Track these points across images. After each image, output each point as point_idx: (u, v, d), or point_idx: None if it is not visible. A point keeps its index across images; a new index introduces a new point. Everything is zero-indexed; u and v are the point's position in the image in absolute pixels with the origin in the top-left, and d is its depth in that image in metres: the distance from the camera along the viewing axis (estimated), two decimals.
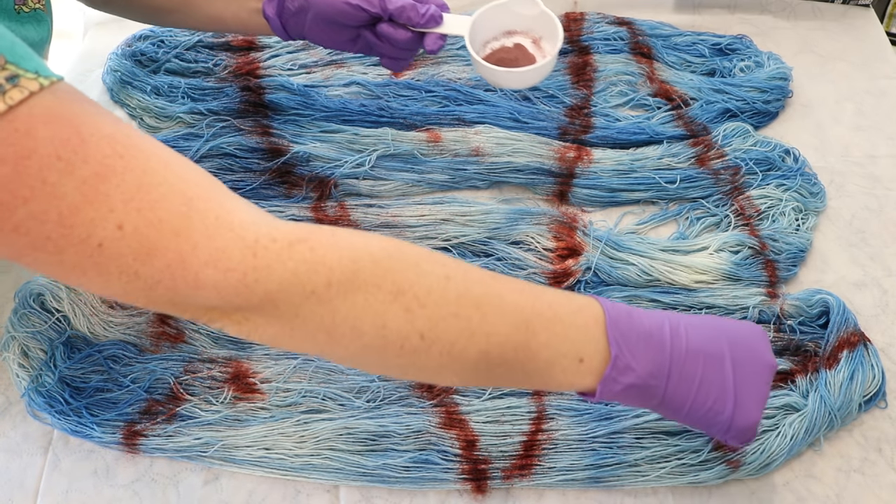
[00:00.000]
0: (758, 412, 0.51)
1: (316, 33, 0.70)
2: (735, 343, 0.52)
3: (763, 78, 0.89)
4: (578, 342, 0.49)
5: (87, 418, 0.65)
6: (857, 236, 0.80)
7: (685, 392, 0.50)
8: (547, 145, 0.84)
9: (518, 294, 0.49)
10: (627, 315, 0.50)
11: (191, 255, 0.41)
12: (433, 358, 0.46)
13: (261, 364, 0.69)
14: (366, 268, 0.44)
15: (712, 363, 0.51)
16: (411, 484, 0.64)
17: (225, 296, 0.43)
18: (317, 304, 0.43)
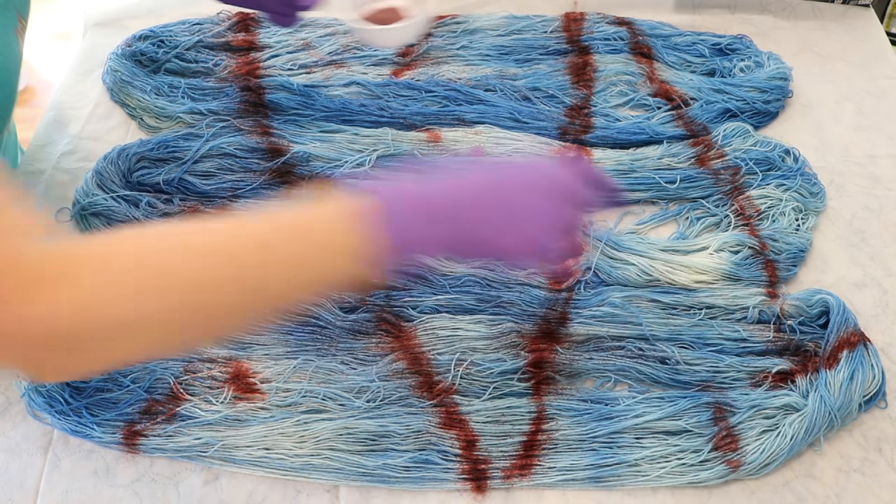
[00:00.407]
0: (533, 236, 0.52)
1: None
2: (512, 177, 0.53)
3: (763, 78, 0.89)
4: (337, 235, 0.48)
5: (87, 418, 0.65)
6: (857, 236, 0.80)
7: (479, 235, 0.51)
8: (547, 145, 0.84)
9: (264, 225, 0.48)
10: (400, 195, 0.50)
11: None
12: (214, 317, 0.47)
13: (261, 364, 0.69)
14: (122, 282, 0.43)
15: (485, 204, 0.51)
16: (411, 484, 0.64)
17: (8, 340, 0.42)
18: (93, 334, 0.43)
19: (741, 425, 0.65)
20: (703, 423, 0.66)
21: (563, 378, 0.69)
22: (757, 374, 0.69)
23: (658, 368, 0.69)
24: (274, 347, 0.70)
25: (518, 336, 0.70)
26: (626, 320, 0.71)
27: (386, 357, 0.69)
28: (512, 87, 0.90)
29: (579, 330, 0.71)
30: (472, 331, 0.70)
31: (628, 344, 0.70)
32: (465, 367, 0.68)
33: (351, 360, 0.70)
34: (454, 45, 0.95)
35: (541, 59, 0.94)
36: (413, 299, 0.72)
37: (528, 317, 0.71)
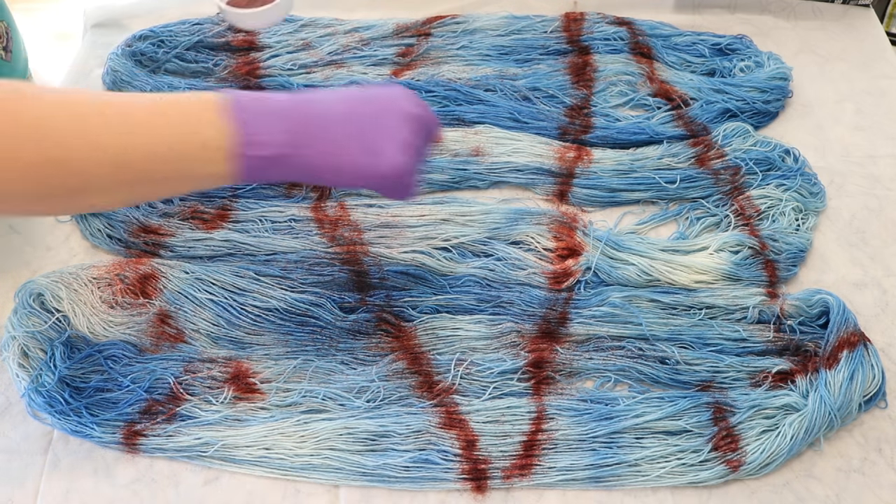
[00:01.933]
0: (400, 157, 0.55)
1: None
2: (374, 101, 0.56)
3: (763, 78, 0.89)
4: (202, 129, 0.50)
5: (87, 418, 0.65)
6: (857, 236, 0.80)
7: (328, 154, 0.53)
8: (547, 145, 0.84)
9: (137, 102, 0.51)
10: (255, 96, 0.53)
11: None
12: (73, 179, 0.49)
13: (261, 364, 0.69)
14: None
15: (350, 122, 0.54)
16: (411, 484, 0.64)
17: None
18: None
19: (741, 425, 0.65)
20: (703, 423, 0.66)
21: (563, 378, 0.69)
22: (757, 374, 0.69)
23: (658, 368, 0.69)
24: (274, 347, 0.70)
25: (518, 336, 0.70)
26: (626, 320, 0.71)
27: (386, 357, 0.69)
28: (512, 87, 0.90)
29: (579, 330, 0.71)
30: (472, 331, 0.71)
31: (628, 344, 0.70)
32: (465, 367, 0.68)
33: (351, 360, 0.70)
34: (454, 45, 0.95)
35: (541, 59, 0.94)
36: (413, 299, 0.72)
37: (528, 317, 0.71)
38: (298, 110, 0.53)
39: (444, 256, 0.75)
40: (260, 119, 0.51)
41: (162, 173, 0.51)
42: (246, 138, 0.51)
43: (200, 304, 0.71)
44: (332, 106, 0.55)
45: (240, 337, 0.71)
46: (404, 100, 0.57)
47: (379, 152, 0.54)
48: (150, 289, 0.71)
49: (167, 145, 0.50)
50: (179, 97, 0.52)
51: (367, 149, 0.54)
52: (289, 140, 0.52)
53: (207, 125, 0.51)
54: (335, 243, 0.76)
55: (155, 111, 0.51)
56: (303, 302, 0.71)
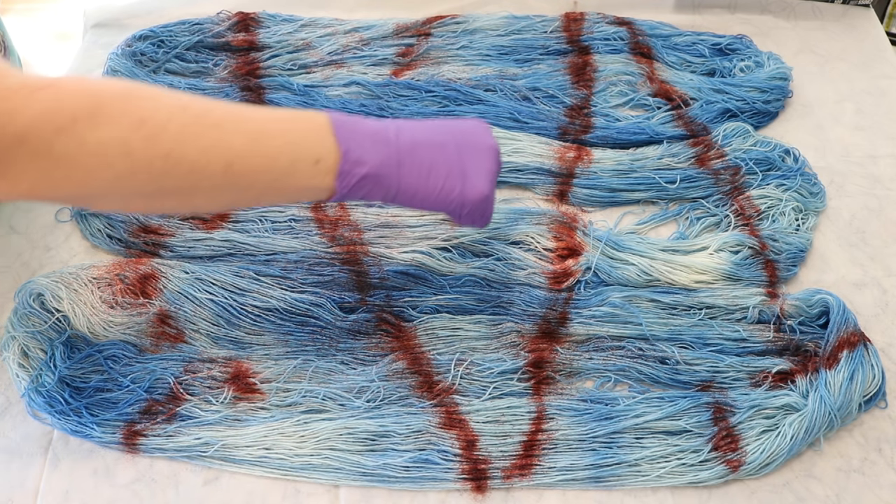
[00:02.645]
0: (486, 185, 0.59)
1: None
2: (457, 132, 0.60)
3: (763, 78, 0.89)
4: (311, 145, 0.54)
5: (87, 418, 0.65)
6: (857, 236, 0.80)
7: (417, 176, 0.57)
8: (547, 145, 0.84)
9: (251, 111, 0.54)
10: (356, 119, 0.57)
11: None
12: (182, 178, 0.51)
13: (261, 364, 0.69)
14: (107, 102, 0.48)
15: (438, 150, 0.58)
16: (411, 484, 0.64)
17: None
18: (66, 138, 0.47)
19: (741, 425, 0.65)
20: (703, 423, 0.66)
21: (563, 378, 0.69)
22: (757, 374, 0.69)
23: (658, 368, 0.69)
24: (274, 347, 0.70)
25: (518, 336, 0.70)
26: (626, 320, 0.71)
27: (386, 357, 0.69)
28: (512, 87, 0.90)
29: (579, 330, 0.71)
30: (472, 331, 0.71)
31: (628, 344, 0.70)
32: (465, 367, 0.68)
33: (351, 360, 0.70)
34: (454, 45, 0.95)
35: (541, 59, 0.94)
36: (413, 299, 0.72)
37: (528, 317, 0.71)
38: (391, 133, 0.57)
39: (444, 256, 0.75)
40: (361, 139, 0.55)
41: (270, 182, 0.54)
42: (350, 156, 0.54)
43: (200, 304, 0.71)
44: (421, 133, 0.58)
45: (240, 337, 0.71)
46: (485, 132, 0.61)
47: (465, 179, 0.58)
48: (150, 289, 0.71)
49: (282, 156, 0.53)
50: (292, 112, 0.56)
51: (455, 174, 0.58)
52: (382, 161, 0.56)
53: (320, 143, 0.54)
54: (335, 243, 0.76)
55: (271, 123, 0.54)
56: (303, 302, 0.71)
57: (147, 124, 0.48)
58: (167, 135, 0.49)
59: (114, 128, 0.48)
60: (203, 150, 0.50)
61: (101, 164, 0.48)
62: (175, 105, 0.50)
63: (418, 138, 0.58)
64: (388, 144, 0.56)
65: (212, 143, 0.50)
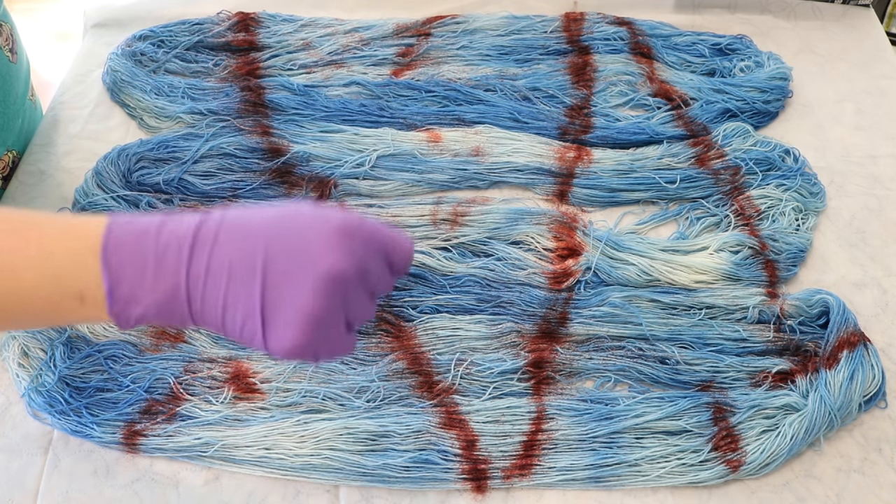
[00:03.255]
0: (298, 334, 0.42)
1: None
2: (281, 251, 0.43)
3: (763, 78, 0.89)
4: (73, 278, 0.43)
5: (87, 418, 0.65)
6: (857, 236, 0.80)
7: (212, 315, 0.43)
8: (547, 145, 0.84)
9: (7, 232, 0.44)
10: (139, 237, 0.43)
11: None
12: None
13: (261, 364, 0.69)
14: None
15: (238, 282, 0.42)
16: (411, 484, 0.64)
17: None
18: None
19: (741, 425, 0.65)
20: (703, 423, 0.66)
21: (563, 378, 0.69)
22: (757, 374, 0.69)
23: (658, 368, 0.69)
24: None
25: (518, 336, 0.70)
26: (626, 320, 0.71)
27: (386, 357, 0.69)
28: (512, 87, 0.90)
29: (579, 330, 0.71)
30: (472, 331, 0.71)
31: (628, 344, 0.70)
32: (465, 367, 0.68)
33: (351, 360, 0.70)
34: (454, 45, 0.95)
35: (541, 59, 0.94)
36: (413, 299, 0.72)
37: (528, 317, 0.71)
38: (184, 258, 0.43)
39: (444, 256, 0.75)
40: (137, 268, 0.43)
41: (27, 318, 0.46)
42: (118, 293, 0.43)
43: None
44: (223, 256, 0.43)
45: None
46: (329, 253, 0.42)
47: (266, 325, 0.43)
48: None
49: (36, 291, 0.43)
50: (63, 230, 0.44)
51: (254, 317, 0.43)
52: (162, 300, 0.43)
53: (85, 273, 0.43)
54: None
55: (29, 249, 0.43)
56: None
57: None
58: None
59: None
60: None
61: None
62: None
63: (216, 264, 0.42)
64: (174, 276, 0.42)
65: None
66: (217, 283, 0.42)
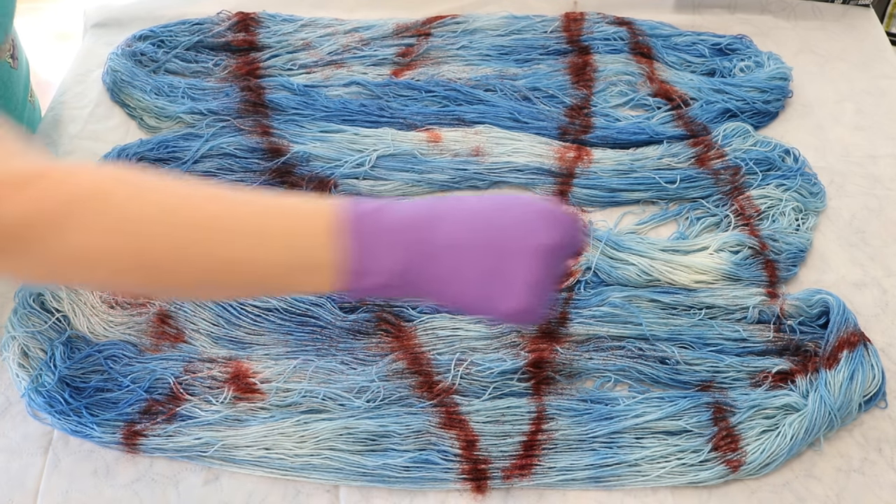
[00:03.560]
0: (523, 297, 0.49)
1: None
2: (499, 228, 0.49)
3: (763, 78, 0.89)
4: (312, 251, 0.47)
5: (87, 418, 0.65)
6: (857, 236, 0.80)
7: (443, 286, 0.49)
8: (547, 145, 0.84)
9: (247, 211, 0.48)
10: (374, 214, 0.48)
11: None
12: (167, 281, 0.48)
13: (261, 364, 0.69)
14: (90, 203, 0.46)
15: (469, 254, 0.48)
16: (411, 484, 0.64)
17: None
18: (45, 244, 0.45)
19: (741, 425, 0.65)
20: (703, 423, 0.66)
21: (563, 378, 0.69)
22: (757, 374, 0.69)
23: (658, 368, 0.69)
24: (274, 347, 0.70)
25: (518, 336, 0.70)
26: (626, 320, 0.71)
27: (386, 357, 0.69)
28: (512, 87, 0.90)
29: (579, 330, 0.71)
30: (472, 331, 0.71)
31: (628, 344, 0.70)
32: (465, 367, 0.68)
33: (351, 360, 0.70)
34: (454, 45, 0.95)
35: (541, 59, 0.94)
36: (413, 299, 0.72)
37: None
38: (416, 235, 0.48)
39: None
40: (375, 243, 0.47)
41: (265, 286, 0.51)
42: (356, 267, 0.47)
43: (200, 304, 0.71)
44: (456, 232, 0.49)
45: (240, 337, 0.71)
46: (542, 230, 0.50)
47: (500, 292, 0.49)
48: None
49: (279, 265, 0.48)
50: (293, 207, 0.49)
51: (487, 286, 0.49)
52: (398, 271, 0.48)
53: (318, 248, 0.47)
54: None
55: (272, 224, 0.48)
56: (303, 302, 0.71)
57: (129, 231, 0.46)
58: (151, 243, 0.46)
59: (94, 234, 0.45)
60: (188, 260, 0.47)
61: (82, 267, 0.46)
62: (162, 206, 0.47)
63: (447, 238, 0.48)
64: (407, 249, 0.48)
65: (199, 253, 0.47)
66: (448, 256, 0.48)
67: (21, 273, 0.48)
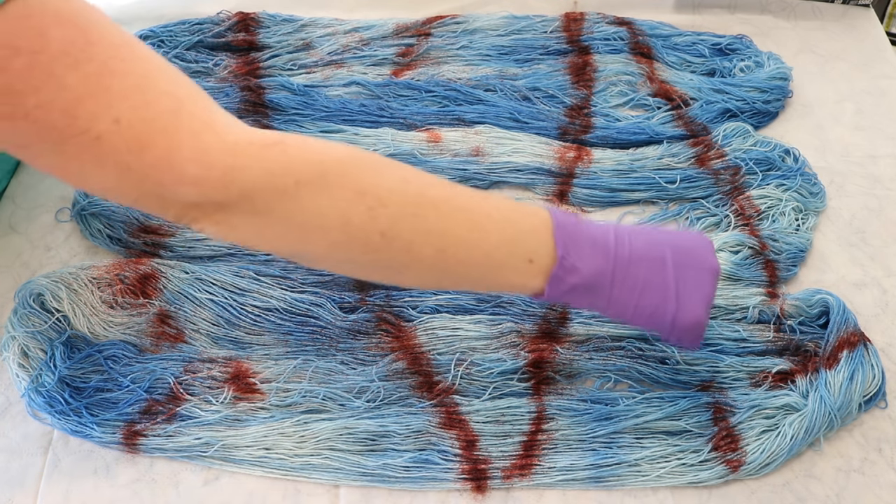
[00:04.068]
0: (701, 311, 0.55)
1: None
2: (678, 249, 0.56)
3: (763, 78, 0.89)
4: (527, 243, 0.52)
5: (87, 418, 0.65)
6: (857, 236, 0.80)
7: (629, 293, 0.54)
8: (547, 145, 0.84)
9: (469, 198, 0.52)
10: (575, 222, 0.54)
11: (177, 151, 0.45)
12: (395, 255, 0.50)
13: (261, 364, 0.69)
14: (331, 169, 0.48)
15: (655, 267, 0.54)
16: (411, 484, 0.64)
17: (205, 191, 0.46)
18: (288, 201, 0.47)
19: (741, 425, 0.65)
20: (703, 423, 0.66)
21: (563, 378, 0.69)
22: (757, 374, 0.69)
23: (658, 368, 0.69)
24: (274, 347, 0.70)
25: (518, 336, 0.70)
26: None
27: (386, 357, 0.69)
28: (512, 87, 0.90)
29: (579, 330, 0.71)
30: (472, 331, 0.71)
31: (628, 344, 0.70)
32: (465, 367, 0.68)
33: (351, 360, 0.70)
34: (454, 45, 0.95)
35: (541, 59, 0.94)
36: (413, 299, 0.72)
37: (528, 317, 0.71)
38: (610, 242, 0.54)
39: None
40: (580, 245, 0.52)
41: (479, 274, 0.52)
42: (566, 262, 0.52)
43: (200, 304, 0.71)
44: (640, 244, 0.55)
45: (240, 337, 0.71)
46: (707, 250, 0.57)
47: (679, 302, 0.55)
48: (150, 289, 0.71)
49: (497, 252, 0.51)
50: (513, 204, 0.54)
51: (670, 297, 0.55)
52: (596, 272, 0.53)
53: (538, 242, 0.52)
54: None
55: (491, 213, 0.52)
56: (303, 302, 0.71)
57: (368, 197, 0.48)
58: (387, 210, 0.48)
59: (335, 197, 0.47)
60: (420, 232, 0.49)
61: (318, 231, 0.48)
62: (397, 179, 0.49)
63: (636, 251, 0.54)
64: (605, 255, 0.53)
65: (429, 227, 0.49)
66: (638, 268, 0.54)
67: (254, 236, 0.49)
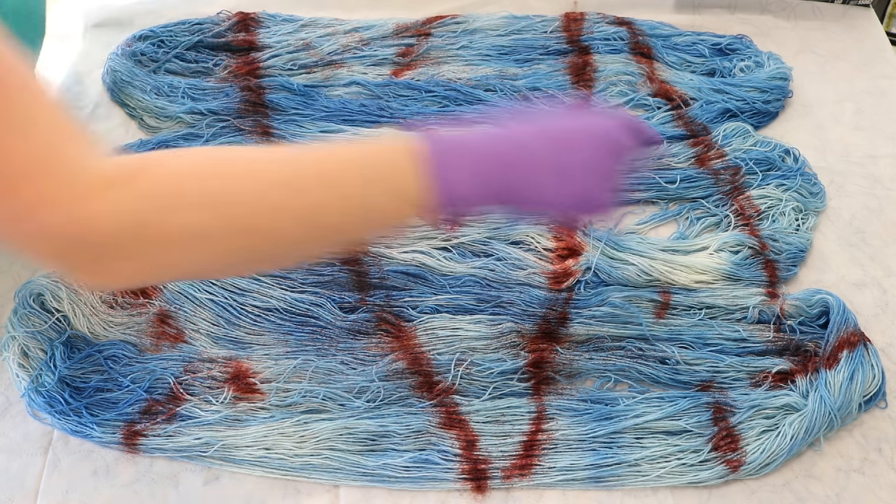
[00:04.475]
0: (586, 182, 0.52)
1: None
2: (569, 129, 0.53)
3: (763, 78, 0.89)
4: (394, 185, 0.50)
5: (87, 418, 0.65)
6: (857, 236, 0.80)
7: (525, 198, 0.52)
8: None
9: (323, 162, 0.50)
10: (452, 143, 0.51)
11: (36, 199, 0.43)
12: (269, 246, 0.49)
13: (261, 364, 0.69)
14: (183, 191, 0.47)
15: (541, 154, 0.52)
16: (411, 484, 0.64)
17: (64, 244, 0.45)
18: (145, 239, 0.46)
19: (741, 425, 0.65)
20: (703, 423, 0.66)
21: (563, 378, 0.69)
22: (757, 374, 0.69)
23: (658, 368, 0.69)
24: (274, 347, 0.70)
25: (518, 336, 0.70)
26: (626, 320, 0.71)
27: (386, 357, 0.69)
28: (512, 87, 0.90)
29: (579, 330, 0.71)
30: (472, 331, 0.71)
31: (628, 344, 0.70)
32: (465, 367, 0.68)
33: (351, 360, 0.70)
34: (454, 45, 0.95)
35: (541, 59, 0.94)
36: (413, 299, 0.72)
37: (528, 317, 0.71)
38: (496, 158, 0.51)
39: (444, 256, 0.75)
40: (456, 173, 0.50)
41: (354, 225, 0.52)
42: (442, 194, 0.50)
43: (200, 304, 0.71)
44: (531, 148, 0.52)
45: (240, 337, 0.71)
46: (604, 124, 0.54)
47: (568, 182, 0.52)
48: (150, 289, 0.71)
49: (361, 200, 0.50)
50: (374, 145, 0.52)
51: (560, 180, 0.52)
52: (484, 192, 0.51)
53: (403, 178, 0.50)
54: None
55: (348, 166, 0.50)
56: (303, 302, 0.71)
57: (222, 205, 0.47)
58: (244, 210, 0.48)
59: (191, 216, 0.46)
60: (282, 222, 0.49)
61: (187, 252, 0.48)
62: (247, 175, 0.49)
63: (529, 153, 0.52)
64: (490, 172, 0.51)
65: (292, 213, 0.49)
66: (533, 168, 0.51)
67: (133, 276, 0.49)
